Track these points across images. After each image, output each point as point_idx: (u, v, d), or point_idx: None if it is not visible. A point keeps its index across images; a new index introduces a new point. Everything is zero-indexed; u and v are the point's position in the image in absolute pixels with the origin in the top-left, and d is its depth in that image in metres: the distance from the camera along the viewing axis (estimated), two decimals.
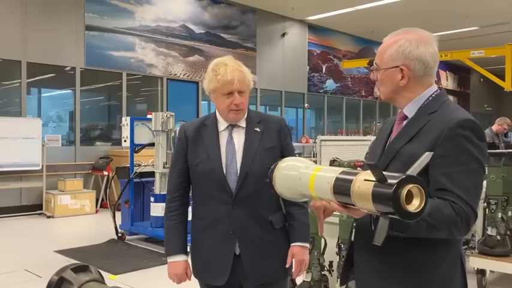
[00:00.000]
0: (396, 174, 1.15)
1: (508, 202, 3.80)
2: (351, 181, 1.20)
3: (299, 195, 1.41)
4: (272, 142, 2.08)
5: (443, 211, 1.38)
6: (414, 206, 1.15)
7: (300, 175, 1.37)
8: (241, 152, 2.04)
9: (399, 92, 1.59)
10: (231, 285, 2.03)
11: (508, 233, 3.71)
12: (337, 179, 1.24)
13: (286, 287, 2.21)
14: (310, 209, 1.88)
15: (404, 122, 1.60)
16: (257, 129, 2.08)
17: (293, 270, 2.12)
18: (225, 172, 2.01)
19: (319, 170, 1.33)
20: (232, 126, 2.08)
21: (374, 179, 1.15)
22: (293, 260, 2.08)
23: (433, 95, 1.58)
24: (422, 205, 1.15)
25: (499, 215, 3.73)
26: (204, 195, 2.07)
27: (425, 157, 1.30)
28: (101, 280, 1.04)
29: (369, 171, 1.19)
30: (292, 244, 2.09)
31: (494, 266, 3.76)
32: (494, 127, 8.74)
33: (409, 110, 1.59)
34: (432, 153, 1.35)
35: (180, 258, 2.08)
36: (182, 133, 2.13)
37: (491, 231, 3.71)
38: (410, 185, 1.13)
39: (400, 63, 1.55)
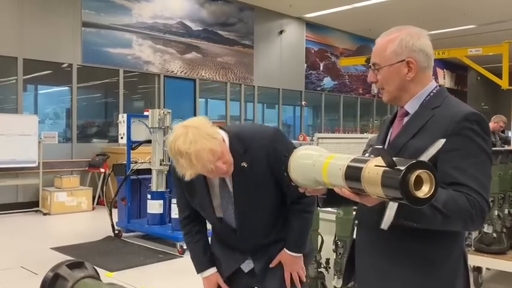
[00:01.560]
0: (406, 160, 1.15)
1: (505, 200, 3.81)
2: (361, 168, 1.21)
3: (313, 181, 1.43)
4: (263, 173, 1.91)
5: (459, 202, 1.38)
6: (423, 192, 1.14)
7: (313, 162, 1.39)
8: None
9: (405, 87, 1.58)
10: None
11: (504, 230, 3.72)
12: (348, 166, 1.25)
13: None
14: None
15: (406, 118, 1.60)
16: (244, 164, 1.88)
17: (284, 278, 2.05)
18: (222, 216, 2.00)
19: (332, 158, 1.35)
20: None
21: (384, 164, 1.15)
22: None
23: (434, 91, 1.58)
24: (432, 191, 1.15)
25: (496, 212, 3.73)
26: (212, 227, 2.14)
27: (438, 144, 1.28)
28: (96, 276, 1.04)
29: (379, 158, 1.19)
30: (284, 249, 2.04)
31: (490, 263, 3.76)
32: (491, 125, 8.75)
33: (411, 106, 1.59)
34: (445, 140, 1.33)
35: (211, 271, 2.10)
36: (175, 172, 1.87)
37: (487, 228, 3.71)
38: (420, 171, 1.13)
39: (405, 57, 1.55)
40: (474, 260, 3.74)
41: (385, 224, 1.23)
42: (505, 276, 4.28)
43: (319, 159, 1.38)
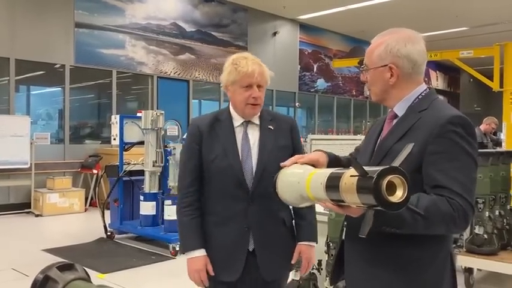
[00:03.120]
0: (378, 168, 1.18)
1: (495, 201, 3.84)
2: (339, 179, 1.25)
3: (299, 198, 1.47)
4: (285, 140, 2.11)
5: (440, 207, 1.39)
6: (397, 196, 1.18)
7: (298, 180, 1.45)
8: (257, 148, 2.06)
9: (389, 91, 1.61)
10: (243, 281, 2.04)
11: (495, 231, 3.75)
12: (328, 178, 1.30)
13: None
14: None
15: (395, 121, 1.62)
16: (270, 126, 2.11)
17: (301, 268, 2.17)
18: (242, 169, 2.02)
19: (314, 174, 1.40)
20: (247, 122, 2.10)
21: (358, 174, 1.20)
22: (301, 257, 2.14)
23: (423, 94, 1.60)
24: (405, 195, 1.18)
25: (487, 213, 3.76)
26: (218, 191, 2.05)
27: (407, 148, 1.33)
28: (87, 278, 1.04)
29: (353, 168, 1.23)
30: (300, 243, 2.13)
31: (481, 264, 3.79)
32: (483, 127, 8.82)
33: (399, 109, 1.60)
34: (413, 144, 1.37)
35: (200, 253, 2.03)
36: (195, 128, 2.09)
37: (478, 230, 3.74)
38: (391, 176, 1.16)
39: (388, 62, 1.57)
40: (465, 261, 3.77)
41: (363, 231, 1.26)
42: (496, 277, 4.31)
43: (303, 176, 1.44)
